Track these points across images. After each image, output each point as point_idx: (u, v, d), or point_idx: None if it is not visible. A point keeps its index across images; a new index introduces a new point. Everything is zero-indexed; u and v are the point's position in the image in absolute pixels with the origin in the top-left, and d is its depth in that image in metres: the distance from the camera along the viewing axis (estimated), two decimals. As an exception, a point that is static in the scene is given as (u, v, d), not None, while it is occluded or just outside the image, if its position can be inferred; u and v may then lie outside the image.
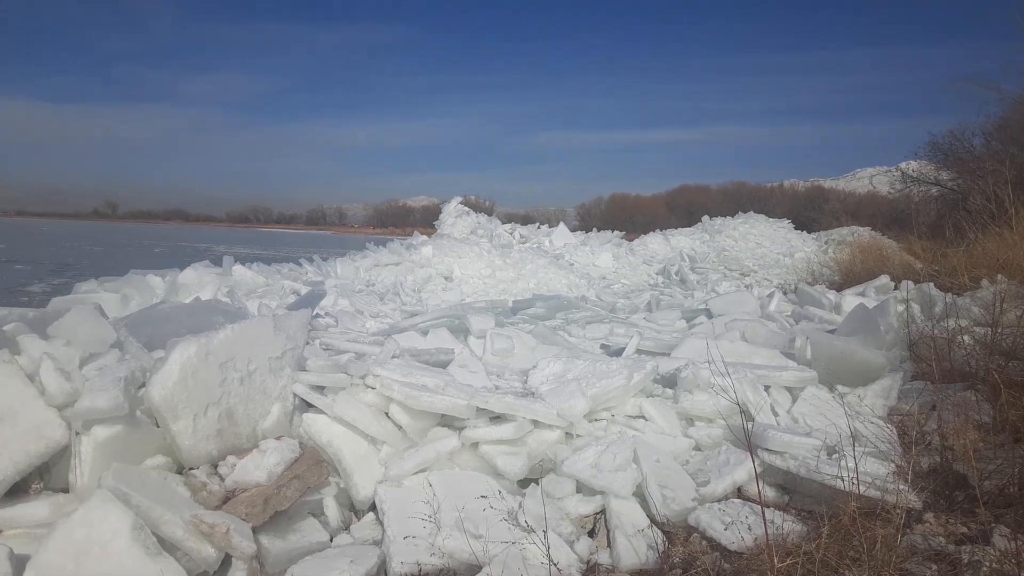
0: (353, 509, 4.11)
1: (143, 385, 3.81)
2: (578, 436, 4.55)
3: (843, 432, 4.22)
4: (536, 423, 4.43)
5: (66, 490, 3.54)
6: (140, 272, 9.58)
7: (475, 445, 4.31)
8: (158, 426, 3.76)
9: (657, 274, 18.30)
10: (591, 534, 3.89)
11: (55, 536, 2.98)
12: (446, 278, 13.57)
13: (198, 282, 9.84)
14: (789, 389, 5.25)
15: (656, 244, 21.80)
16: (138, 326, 4.95)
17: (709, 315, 8.65)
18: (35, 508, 3.38)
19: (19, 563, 2.92)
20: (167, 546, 3.15)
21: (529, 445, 4.37)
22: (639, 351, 6.51)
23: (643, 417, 4.82)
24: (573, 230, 23.13)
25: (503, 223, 22.25)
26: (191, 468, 3.75)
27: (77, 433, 3.51)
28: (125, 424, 3.55)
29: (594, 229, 24.55)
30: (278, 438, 4.03)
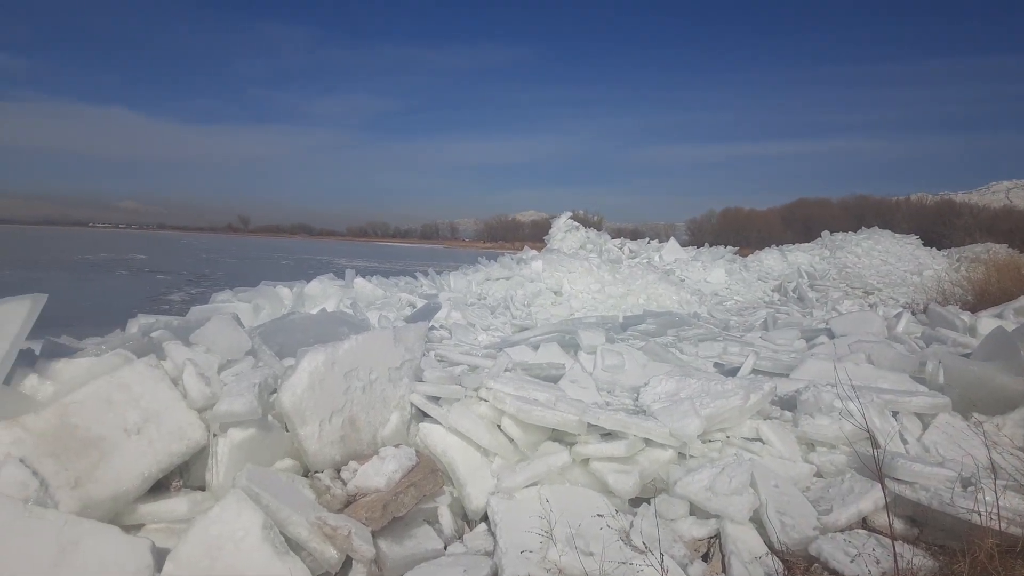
0: (466, 518, 4.19)
1: (275, 391, 4.05)
2: (691, 456, 4.45)
3: (980, 463, 3.94)
4: (648, 441, 4.38)
5: (203, 488, 3.77)
6: (270, 283, 10.14)
7: (586, 461, 4.30)
8: (287, 430, 3.97)
9: (773, 291, 17.66)
10: (705, 558, 3.80)
11: (193, 532, 3.19)
12: (555, 292, 13.61)
13: (323, 293, 10.32)
14: (919, 416, 4.95)
15: (772, 260, 21.06)
16: (270, 335, 5.26)
17: (830, 335, 8.27)
18: (175, 504, 3.61)
19: (160, 556, 3.14)
20: (293, 545, 3.30)
21: (640, 463, 4.32)
22: (755, 371, 6.31)
23: (760, 440, 4.67)
24: (683, 245, 22.69)
25: (612, 238, 22.12)
26: (316, 472, 3.94)
27: (215, 435, 3.75)
28: (258, 428, 3.77)
29: (706, 244, 24.01)
30: (396, 446, 4.17)
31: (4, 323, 3.54)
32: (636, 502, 4.19)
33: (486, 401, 4.48)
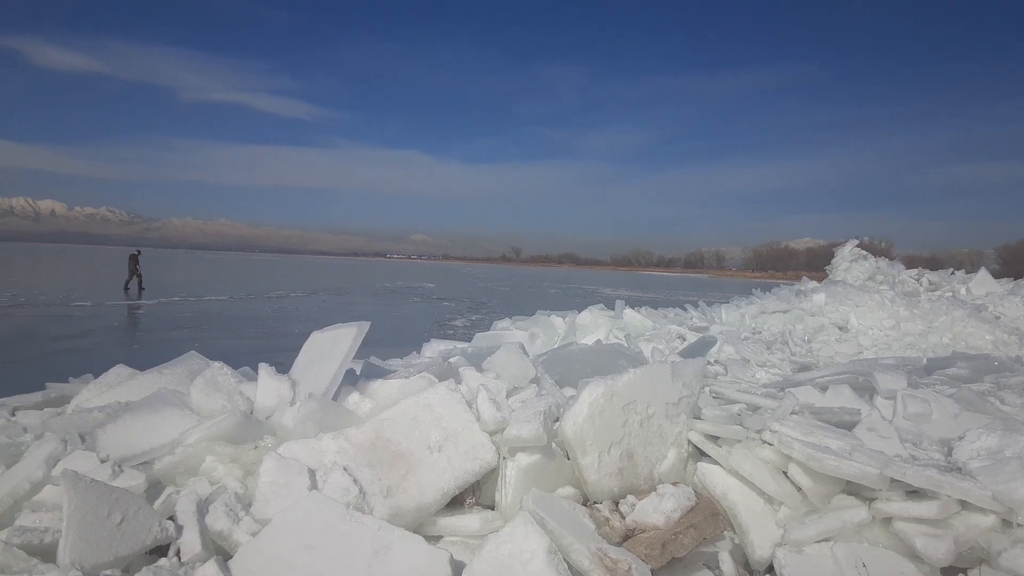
0: (748, 567, 3.97)
1: (557, 419, 4.20)
2: (1020, 525, 3.82)
3: None
4: (964, 504, 3.83)
5: (492, 507, 4.00)
6: (545, 312, 10.64)
7: (887, 520, 3.87)
8: (568, 458, 4.09)
9: (1121, 333, 14.67)
10: (1043, 649, 3.22)
11: (485, 549, 3.37)
12: (840, 328, 12.54)
13: (593, 323, 10.57)
14: None
15: (1118, 294, 17.52)
16: (551, 364, 5.49)
17: None
18: (468, 520, 3.84)
19: (456, 568, 3.36)
20: (574, 572, 3.36)
21: (955, 528, 3.78)
22: (1105, 430, 5.26)
23: (1114, 514, 3.87)
24: (994, 275, 19.72)
25: (906, 268, 19.92)
26: (595, 502, 4.00)
27: (504, 458, 3.97)
28: (543, 454, 3.92)
29: (1026, 275, 20.67)
30: (674, 484, 4.09)
31: (335, 347, 4.10)
32: (949, 571, 3.67)
33: (770, 445, 4.23)
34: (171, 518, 3.38)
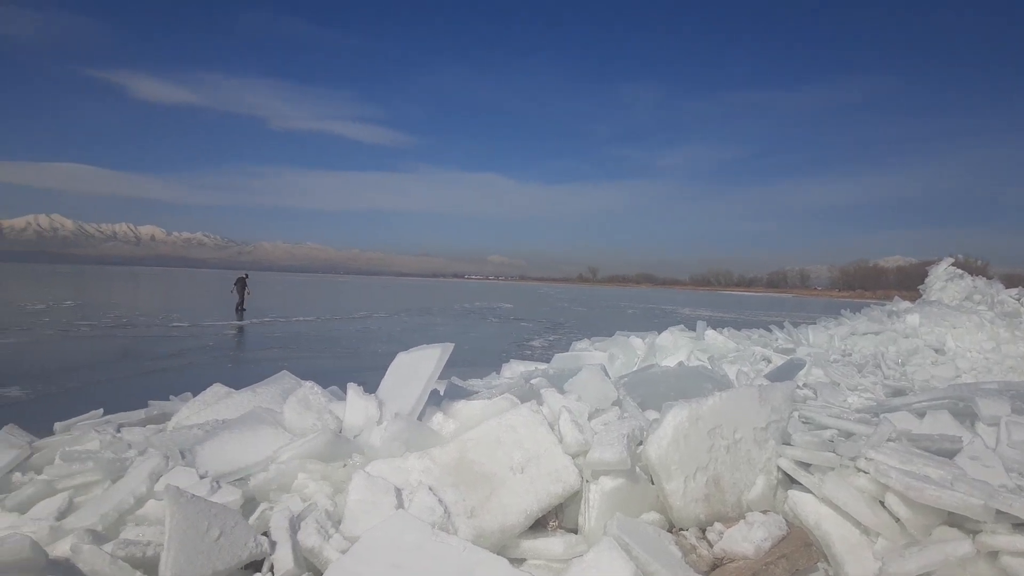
0: (845, 601, 3.81)
1: (640, 443, 4.15)
2: None
3: None
4: (1080, 540, 3.58)
5: (575, 531, 3.97)
6: (624, 333, 10.52)
7: (993, 554, 3.66)
8: (652, 483, 4.03)
9: None
10: None
11: (570, 573, 3.35)
12: (936, 351, 11.93)
13: (673, 345, 10.39)
14: None
15: None
16: (633, 386, 5.43)
17: None
18: (551, 543, 3.80)
19: (544, 592, 3.36)
20: (661, 601, 3.31)
21: (1070, 565, 3.54)
22: None
23: None
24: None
25: (1004, 287, 18.83)
26: (681, 528, 3.92)
27: (587, 481, 3.94)
28: (627, 478, 3.87)
29: None
30: (764, 512, 3.98)
31: (420, 368, 4.17)
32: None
33: (866, 473, 4.06)
34: (265, 533, 3.48)
